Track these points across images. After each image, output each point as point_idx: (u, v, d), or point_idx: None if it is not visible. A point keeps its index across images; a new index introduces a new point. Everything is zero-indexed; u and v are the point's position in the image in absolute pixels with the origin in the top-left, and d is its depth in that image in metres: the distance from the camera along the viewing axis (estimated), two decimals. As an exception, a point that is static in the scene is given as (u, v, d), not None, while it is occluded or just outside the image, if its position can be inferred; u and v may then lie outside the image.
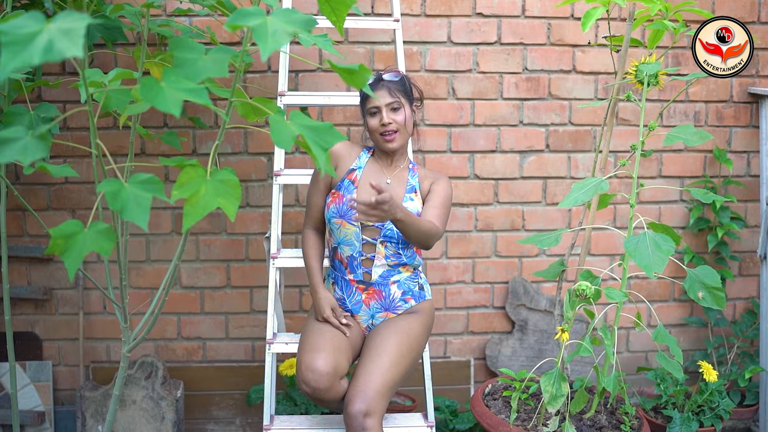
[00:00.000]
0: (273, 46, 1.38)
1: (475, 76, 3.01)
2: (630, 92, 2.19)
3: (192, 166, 1.65)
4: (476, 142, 3.05)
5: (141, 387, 2.77)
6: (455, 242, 3.10)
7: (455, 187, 3.06)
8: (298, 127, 1.61)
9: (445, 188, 2.30)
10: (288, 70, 2.68)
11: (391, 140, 2.22)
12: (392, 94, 2.22)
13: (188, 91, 1.42)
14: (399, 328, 2.17)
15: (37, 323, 3.07)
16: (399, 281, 2.25)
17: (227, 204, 1.61)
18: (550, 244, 2.25)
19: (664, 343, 2.10)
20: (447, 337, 3.15)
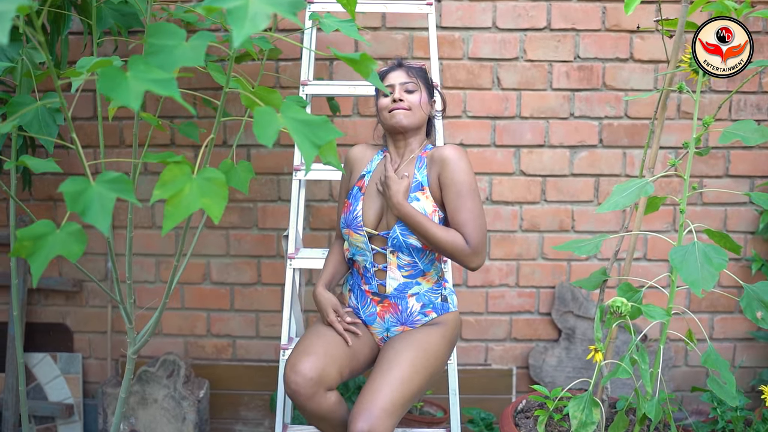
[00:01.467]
0: (249, 31, 1.26)
1: (522, 65, 2.83)
2: (682, 83, 1.98)
3: (177, 163, 1.55)
4: (522, 136, 2.87)
5: (162, 386, 2.72)
6: (498, 243, 2.93)
7: (499, 183, 2.89)
8: (289, 121, 1.49)
9: (453, 171, 2.03)
10: (315, 57, 2.56)
11: (400, 113, 2.08)
12: (409, 75, 2.11)
13: (155, 82, 1.31)
14: (415, 341, 2.03)
15: (68, 315, 3.07)
16: (418, 294, 2.10)
17: (212, 204, 1.51)
18: (590, 252, 2.06)
19: (713, 368, 1.89)
20: (488, 344, 3.00)
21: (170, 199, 1.49)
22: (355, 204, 2.10)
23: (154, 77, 1.34)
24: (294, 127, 1.49)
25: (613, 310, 1.78)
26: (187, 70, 2.71)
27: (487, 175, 2.89)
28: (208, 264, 3.02)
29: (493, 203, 2.91)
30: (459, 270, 2.95)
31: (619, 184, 1.98)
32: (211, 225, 2.98)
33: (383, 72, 2.14)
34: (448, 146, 2.06)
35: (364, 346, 2.10)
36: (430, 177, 2.07)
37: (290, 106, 1.55)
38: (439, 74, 2.79)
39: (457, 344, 2.97)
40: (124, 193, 1.41)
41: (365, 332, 2.13)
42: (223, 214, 2.95)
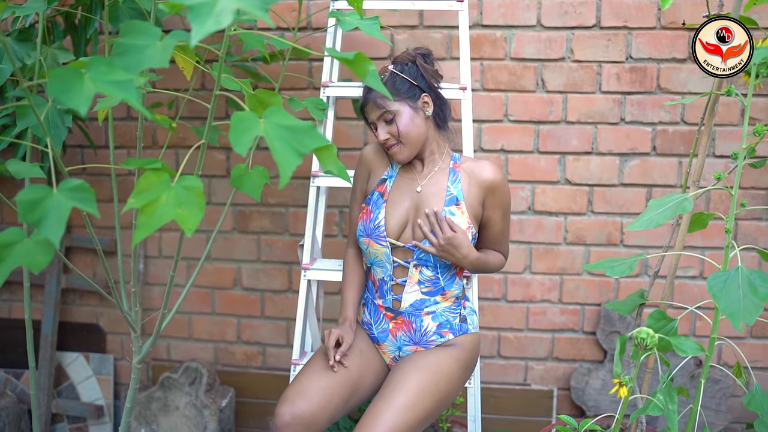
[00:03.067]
0: (212, 28, 1.17)
1: (568, 66, 2.65)
2: (731, 86, 1.78)
3: (155, 170, 1.48)
4: (568, 142, 2.69)
5: (185, 393, 2.68)
6: (541, 255, 2.76)
7: (542, 192, 2.72)
8: (272, 127, 1.40)
9: (502, 195, 2.03)
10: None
11: (395, 153, 1.98)
12: (378, 105, 1.95)
13: (114, 84, 1.23)
14: (425, 364, 1.89)
15: (102, 316, 3.08)
16: (435, 312, 1.97)
17: (188, 215, 1.43)
18: (623, 273, 1.88)
19: (758, 411, 1.69)
20: (528, 362, 2.83)
21: (143, 209, 1.42)
22: (377, 211, 1.98)
23: (114, 79, 1.26)
24: (276, 133, 1.39)
25: (638, 342, 1.60)
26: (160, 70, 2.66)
27: (530, 183, 2.73)
28: (239, 269, 2.96)
29: (536, 213, 2.74)
30: (498, 284, 2.79)
31: (655, 199, 1.80)
32: (243, 229, 2.93)
33: (363, 98, 2.02)
34: (487, 166, 2.01)
35: (369, 374, 1.99)
36: (468, 193, 1.99)
37: (276, 111, 1.45)
38: (470, 77, 2.64)
39: (495, 361, 2.82)
40: (84, 202, 1.34)
41: (373, 357, 2.01)
42: (254, 219, 2.89)
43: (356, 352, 1.99)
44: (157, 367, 3.06)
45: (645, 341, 1.62)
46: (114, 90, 1.24)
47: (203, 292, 3.01)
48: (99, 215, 1.33)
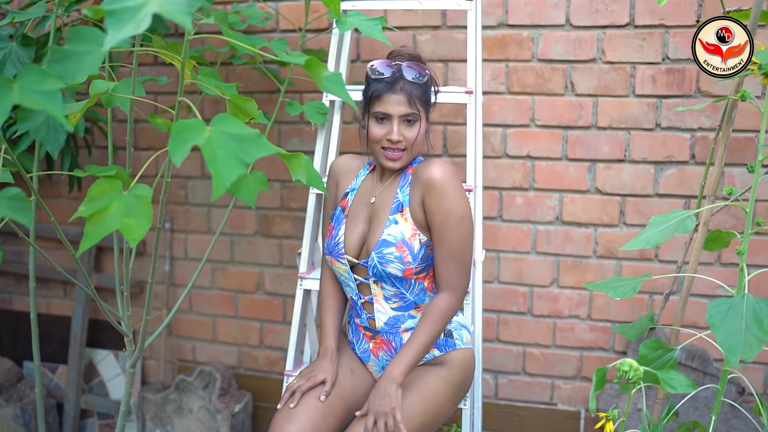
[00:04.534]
0: (130, 33, 1.12)
1: (599, 68, 2.48)
2: (747, 91, 1.61)
3: (107, 177, 1.44)
4: (599, 149, 2.52)
5: (198, 396, 2.67)
6: (569, 268, 2.60)
7: (570, 202, 2.56)
8: (217, 135, 1.34)
9: (442, 196, 1.78)
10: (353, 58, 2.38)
11: (395, 159, 1.85)
12: (411, 103, 1.82)
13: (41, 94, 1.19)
14: (409, 384, 1.80)
15: (132, 315, 3.10)
16: (413, 328, 1.87)
17: (135, 225, 1.40)
18: (626, 294, 1.73)
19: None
20: (554, 381, 2.68)
21: (91, 218, 1.39)
22: (338, 227, 1.90)
23: (42, 88, 1.22)
24: (221, 142, 1.34)
25: (620, 375, 1.45)
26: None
27: (558, 192, 2.57)
28: (262, 273, 2.93)
29: (564, 224, 2.58)
30: (524, 297, 2.66)
31: (658, 216, 1.65)
32: (266, 233, 2.90)
33: (380, 85, 1.86)
34: (436, 164, 1.82)
35: (363, 391, 1.91)
36: (412, 197, 1.85)
37: (225, 118, 1.39)
38: (480, 80, 2.51)
39: (519, 378, 2.69)
40: (18, 212, 1.32)
41: (364, 375, 1.93)
42: (276, 223, 2.85)
43: (347, 372, 1.92)
44: (182, 368, 3.07)
45: (627, 374, 1.47)
46: (40, 100, 1.21)
47: (227, 296, 3.00)
48: (30, 225, 1.30)
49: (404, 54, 1.95)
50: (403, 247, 1.80)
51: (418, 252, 1.82)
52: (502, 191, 2.64)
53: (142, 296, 3.11)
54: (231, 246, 2.96)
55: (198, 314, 3.06)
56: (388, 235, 1.82)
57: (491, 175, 2.64)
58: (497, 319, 2.71)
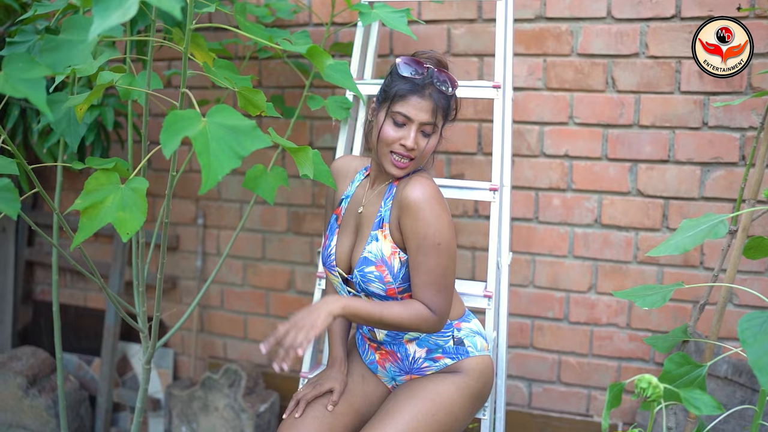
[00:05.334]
0: (116, 21, 1.09)
1: (642, 62, 2.35)
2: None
3: (105, 170, 1.41)
4: (641, 149, 2.38)
5: (224, 395, 2.65)
6: (607, 274, 2.48)
7: (610, 204, 2.43)
8: (213, 127, 1.30)
9: (416, 220, 1.66)
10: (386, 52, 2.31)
11: (402, 167, 1.73)
12: (434, 113, 1.71)
13: (25, 82, 1.16)
14: (421, 391, 1.71)
15: (165, 310, 3.11)
16: (418, 338, 1.79)
17: (129, 218, 1.36)
18: (654, 304, 1.61)
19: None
20: (591, 391, 2.55)
21: (85, 211, 1.36)
22: (331, 238, 1.84)
23: (27, 76, 1.19)
24: (217, 133, 1.30)
25: (638, 392, 1.34)
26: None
27: (596, 193, 2.45)
28: (293, 272, 2.89)
29: (603, 227, 2.46)
30: (560, 303, 2.54)
31: (689, 219, 1.53)
32: (297, 231, 2.86)
33: (406, 85, 1.71)
34: (415, 184, 1.69)
35: (375, 399, 1.85)
36: (392, 214, 1.74)
37: (222, 109, 1.35)
38: (509, 75, 2.41)
39: (554, 387, 2.58)
40: (5, 203, 1.30)
41: (375, 382, 1.86)
42: (307, 220, 2.81)
43: (357, 379, 1.86)
44: (213, 364, 3.06)
45: (646, 392, 1.36)
46: (23, 88, 1.18)
47: (259, 293, 2.97)
48: (14, 217, 1.27)
49: (432, 58, 1.82)
50: (382, 266, 1.71)
51: (398, 272, 1.72)
52: (538, 192, 2.53)
53: (175, 291, 3.11)
54: (262, 243, 2.93)
55: (230, 311, 3.04)
56: (368, 253, 1.73)
57: (527, 175, 2.53)
58: (531, 324, 2.60)
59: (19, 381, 2.79)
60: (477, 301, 1.97)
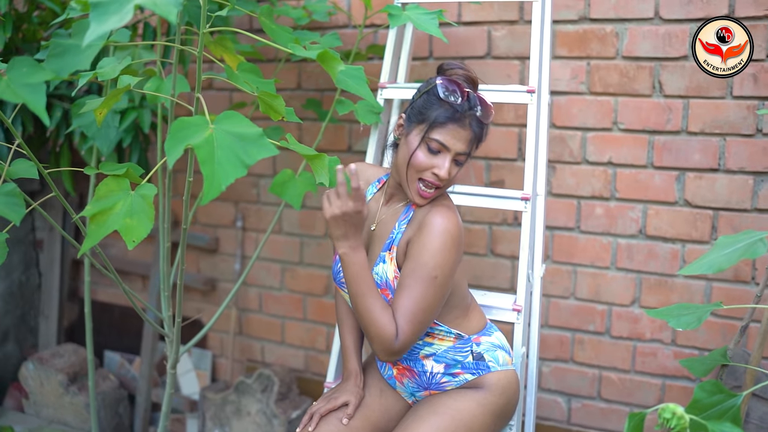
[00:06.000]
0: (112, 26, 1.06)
1: (691, 66, 2.23)
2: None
3: (115, 177, 1.40)
4: (689, 157, 2.27)
5: (256, 399, 2.63)
6: (652, 287, 2.36)
7: (655, 215, 2.32)
8: (220, 135, 1.27)
9: (423, 245, 1.57)
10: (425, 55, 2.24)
11: (427, 197, 1.63)
12: (471, 143, 1.62)
13: (26, 87, 1.15)
14: (440, 407, 1.65)
15: (204, 312, 3.13)
16: (435, 354, 1.71)
17: (136, 226, 1.34)
18: (689, 326, 1.52)
19: None
20: (633, 409, 2.44)
21: (94, 217, 1.35)
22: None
23: (30, 81, 1.19)
24: (223, 141, 1.27)
25: (662, 422, 1.25)
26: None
27: (641, 203, 2.34)
28: (330, 277, 2.85)
29: (647, 238, 2.35)
30: (601, 316, 2.44)
31: (726, 236, 1.43)
32: (335, 235, 2.81)
33: (447, 112, 1.59)
34: (439, 212, 1.60)
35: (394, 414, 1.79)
36: (403, 238, 1.66)
37: (230, 116, 1.32)
38: (545, 80, 2.33)
39: (594, 403, 2.47)
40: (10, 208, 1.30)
41: (395, 396, 1.80)
42: None
43: (375, 393, 1.80)
44: (251, 368, 3.06)
45: (669, 423, 1.26)
46: (24, 93, 1.18)
47: (296, 298, 2.95)
48: (17, 223, 1.27)
49: (466, 77, 1.68)
50: (386, 289, 1.64)
51: None
52: (580, 200, 2.43)
53: (214, 293, 3.11)
54: (300, 247, 2.91)
55: (267, 315, 3.03)
56: (375, 274, 1.66)
57: (569, 182, 2.43)
58: (572, 337, 2.50)
59: (60, 378, 2.84)
60: (505, 314, 1.89)
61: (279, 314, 3.00)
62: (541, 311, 2.09)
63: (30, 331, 3.35)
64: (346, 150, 2.76)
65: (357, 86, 1.40)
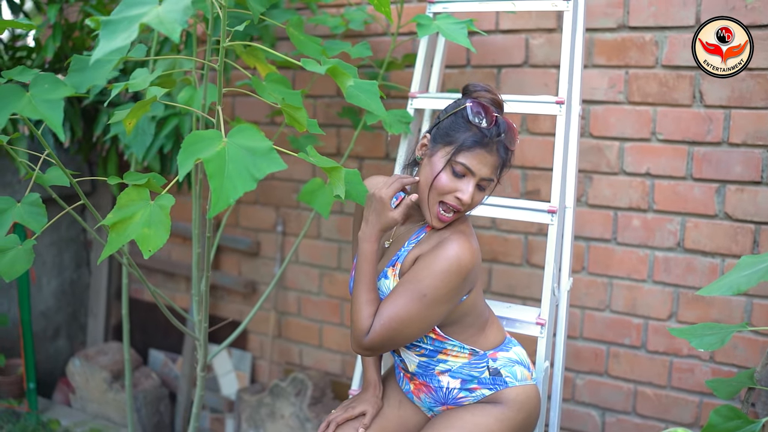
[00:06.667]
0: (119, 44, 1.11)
1: (734, 75, 2.16)
2: None
3: (136, 187, 1.44)
4: (730, 169, 2.20)
5: (290, 403, 2.67)
6: (689, 303, 2.30)
7: (694, 227, 2.27)
8: (233, 148, 1.30)
9: (427, 264, 1.56)
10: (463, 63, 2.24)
11: (446, 221, 1.61)
12: (496, 169, 1.60)
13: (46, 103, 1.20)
14: (458, 421, 1.64)
15: (245, 314, 3.18)
16: (450, 370, 1.69)
17: (153, 235, 1.38)
18: (711, 347, 1.48)
19: None
20: (668, 426, 2.38)
21: (114, 226, 1.40)
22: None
23: (50, 97, 1.23)
24: (235, 155, 1.30)
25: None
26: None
27: (679, 215, 2.28)
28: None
29: (686, 252, 2.29)
30: (637, 329, 2.39)
31: (749, 256, 1.39)
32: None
33: (475, 136, 1.57)
34: (457, 240, 1.57)
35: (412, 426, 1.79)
36: (409, 257, 1.65)
37: (244, 129, 1.35)
38: (576, 91, 2.30)
39: (629, 419, 2.43)
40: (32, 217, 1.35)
41: (413, 409, 1.81)
42: None
43: (394, 404, 1.81)
44: (288, 370, 3.10)
45: (679, 447, 1.23)
46: (44, 109, 1.23)
47: (333, 302, 2.98)
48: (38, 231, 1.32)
49: (487, 97, 1.66)
50: None
51: None
52: (617, 211, 2.39)
53: (255, 297, 3.17)
54: (338, 253, 2.93)
55: (306, 319, 3.06)
56: (378, 289, 1.67)
57: (605, 193, 2.39)
58: (607, 351, 2.46)
59: (104, 375, 2.94)
60: (529, 328, 1.87)
61: (317, 318, 3.04)
62: (567, 324, 2.06)
63: (80, 328, 3.47)
64: (384, 157, 2.77)
65: (368, 100, 1.41)
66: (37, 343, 3.31)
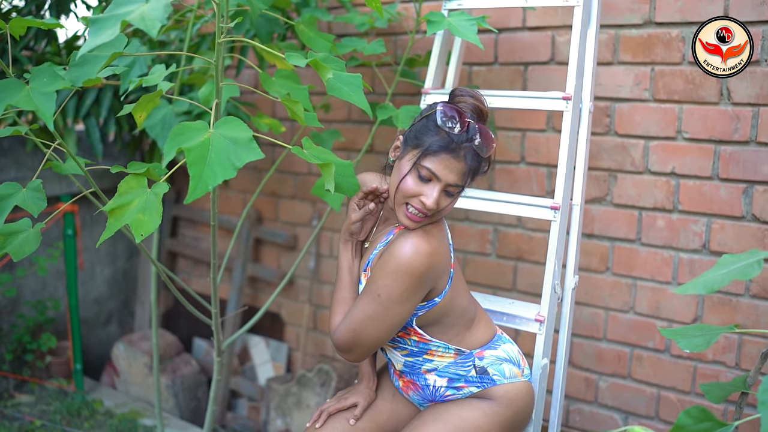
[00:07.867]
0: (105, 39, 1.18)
1: (763, 71, 2.09)
2: None
3: (135, 175, 1.52)
4: (758, 168, 2.13)
5: (315, 393, 2.73)
6: (715, 306, 2.24)
7: (720, 229, 2.20)
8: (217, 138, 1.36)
9: (383, 265, 1.56)
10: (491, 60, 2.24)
11: (416, 221, 1.59)
12: (464, 176, 1.57)
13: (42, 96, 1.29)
14: (446, 414, 1.65)
15: (283, 306, 3.27)
16: (437, 369, 1.70)
17: (146, 221, 1.46)
18: (697, 348, 1.44)
19: None
20: (693, 434, 2.31)
21: (112, 212, 1.48)
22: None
23: (47, 90, 1.32)
24: (219, 145, 1.37)
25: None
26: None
27: (705, 216, 2.22)
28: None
29: (711, 254, 2.22)
30: (661, 336, 2.32)
31: (730, 255, 1.36)
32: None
33: (442, 141, 1.54)
34: (410, 241, 1.55)
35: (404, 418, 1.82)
36: (375, 257, 1.67)
37: (229, 121, 1.42)
38: (588, 87, 2.26)
39: (653, 424, 2.39)
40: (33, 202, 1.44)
41: (405, 402, 1.84)
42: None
43: (387, 397, 1.85)
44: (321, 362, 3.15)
45: (635, 444, 1.21)
46: (39, 102, 1.31)
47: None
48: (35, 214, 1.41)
49: (474, 106, 1.62)
50: None
51: None
52: (642, 211, 2.34)
53: (292, 289, 3.24)
54: (369, 248, 2.98)
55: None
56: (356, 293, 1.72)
57: (630, 193, 2.35)
58: (630, 353, 2.41)
59: (146, 360, 3.07)
60: (529, 324, 1.86)
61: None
62: (571, 322, 2.02)
63: (131, 315, 3.64)
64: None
65: (351, 92, 1.44)
66: (89, 329, 3.49)
